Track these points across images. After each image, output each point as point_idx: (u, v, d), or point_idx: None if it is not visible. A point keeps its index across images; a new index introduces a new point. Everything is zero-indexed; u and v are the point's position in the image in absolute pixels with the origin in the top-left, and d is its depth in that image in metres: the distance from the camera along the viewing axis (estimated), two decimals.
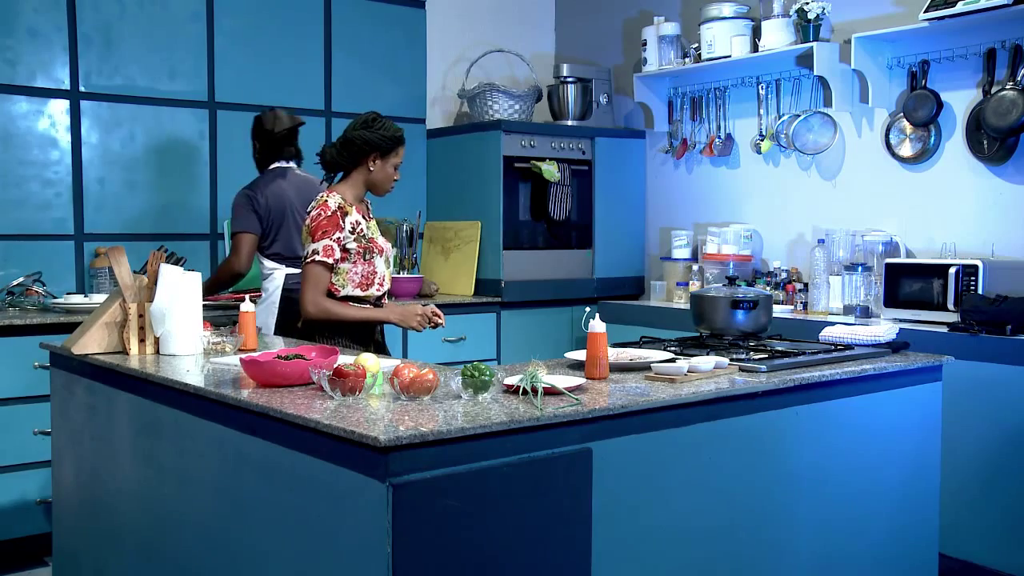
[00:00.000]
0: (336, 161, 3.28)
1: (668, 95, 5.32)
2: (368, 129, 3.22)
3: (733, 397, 2.36)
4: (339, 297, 3.20)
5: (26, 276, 4.20)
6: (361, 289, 3.22)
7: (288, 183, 4.04)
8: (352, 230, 3.19)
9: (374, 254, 3.24)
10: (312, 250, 3.15)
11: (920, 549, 2.89)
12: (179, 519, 2.44)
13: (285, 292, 3.91)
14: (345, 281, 3.19)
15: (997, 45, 4.00)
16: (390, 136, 3.23)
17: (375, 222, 3.36)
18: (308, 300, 3.15)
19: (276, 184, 4.02)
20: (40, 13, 4.32)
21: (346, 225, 3.17)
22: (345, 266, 3.19)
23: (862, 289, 4.24)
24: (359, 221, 3.22)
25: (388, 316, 3.26)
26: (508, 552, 1.91)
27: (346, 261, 3.19)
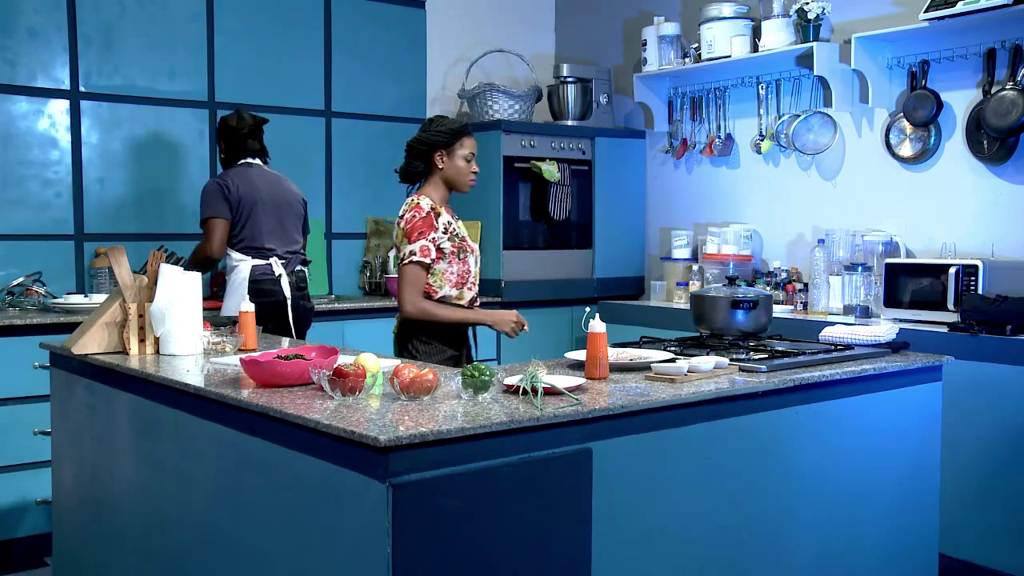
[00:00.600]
0: (409, 170, 3.29)
1: (668, 95, 5.32)
2: (425, 131, 3.25)
3: (733, 397, 2.36)
4: (437, 298, 3.19)
5: (26, 276, 4.20)
6: (457, 288, 3.23)
7: (257, 177, 4.03)
8: (445, 230, 3.19)
9: (467, 253, 3.25)
10: (409, 251, 3.14)
11: (920, 549, 2.89)
12: (179, 519, 2.44)
13: (252, 284, 3.88)
14: (442, 282, 3.19)
15: (997, 45, 4.00)
16: (447, 130, 3.23)
17: (460, 221, 3.34)
18: (407, 300, 3.14)
19: (246, 176, 4.01)
20: (40, 13, 4.32)
21: (439, 226, 3.18)
22: (441, 266, 3.18)
23: (862, 289, 4.24)
24: (450, 221, 3.23)
25: (484, 318, 3.24)
26: (508, 552, 1.91)
27: (441, 261, 3.18)
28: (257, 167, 4.08)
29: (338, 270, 5.24)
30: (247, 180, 4.00)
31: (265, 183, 4.03)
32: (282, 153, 4.95)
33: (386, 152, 5.33)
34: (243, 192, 3.96)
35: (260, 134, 4.14)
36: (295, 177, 4.92)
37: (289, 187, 4.12)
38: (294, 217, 4.09)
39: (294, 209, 4.10)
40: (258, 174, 4.05)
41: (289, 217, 4.06)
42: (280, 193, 4.05)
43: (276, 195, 4.03)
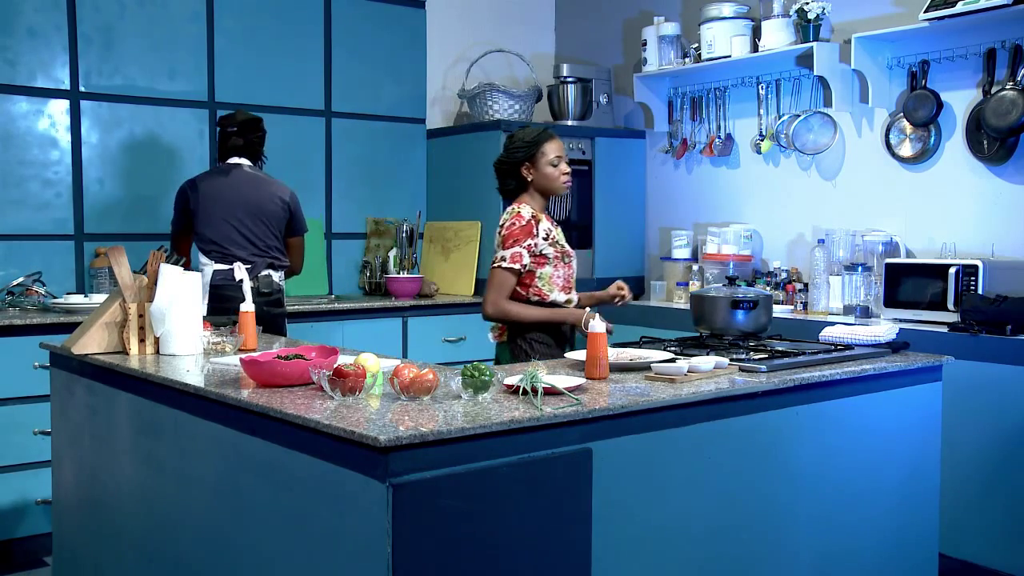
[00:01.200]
0: (504, 189, 3.38)
1: (668, 95, 5.33)
2: (506, 150, 3.34)
3: (733, 397, 2.36)
4: (547, 302, 3.24)
5: (26, 276, 4.20)
6: (564, 292, 3.27)
7: (233, 178, 3.95)
8: (546, 236, 3.24)
9: (571, 258, 3.31)
10: (500, 256, 3.20)
11: (920, 549, 2.89)
12: (179, 519, 2.44)
13: (214, 289, 3.84)
14: (552, 286, 3.24)
15: (997, 45, 4.00)
16: (523, 143, 3.28)
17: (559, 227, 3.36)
18: (488, 301, 3.21)
19: (219, 178, 3.96)
20: (40, 13, 4.32)
21: (540, 232, 3.23)
22: (547, 270, 3.23)
23: (862, 289, 4.24)
24: (550, 228, 3.28)
25: (567, 317, 3.23)
26: (508, 552, 1.91)
27: (547, 266, 3.23)
28: (238, 168, 3.99)
29: (338, 270, 5.24)
30: (217, 183, 3.94)
31: (238, 185, 3.94)
32: (282, 153, 4.96)
33: (386, 152, 5.34)
34: (206, 196, 3.90)
35: (250, 133, 4.05)
36: (295, 177, 4.94)
37: (267, 189, 3.99)
38: (269, 220, 3.96)
39: (269, 211, 3.96)
40: (236, 175, 3.96)
41: (262, 220, 3.94)
42: (253, 195, 3.93)
43: (248, 198, 3.92)
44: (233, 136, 4.03)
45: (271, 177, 4.09)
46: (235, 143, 4.02)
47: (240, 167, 4.01)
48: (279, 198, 4.00)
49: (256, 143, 4.09)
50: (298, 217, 4.10)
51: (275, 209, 3.98)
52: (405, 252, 5.08)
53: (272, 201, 3.98)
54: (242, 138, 4.04)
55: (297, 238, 4.13)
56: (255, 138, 4.08)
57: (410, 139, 5.41)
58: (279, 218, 4.00)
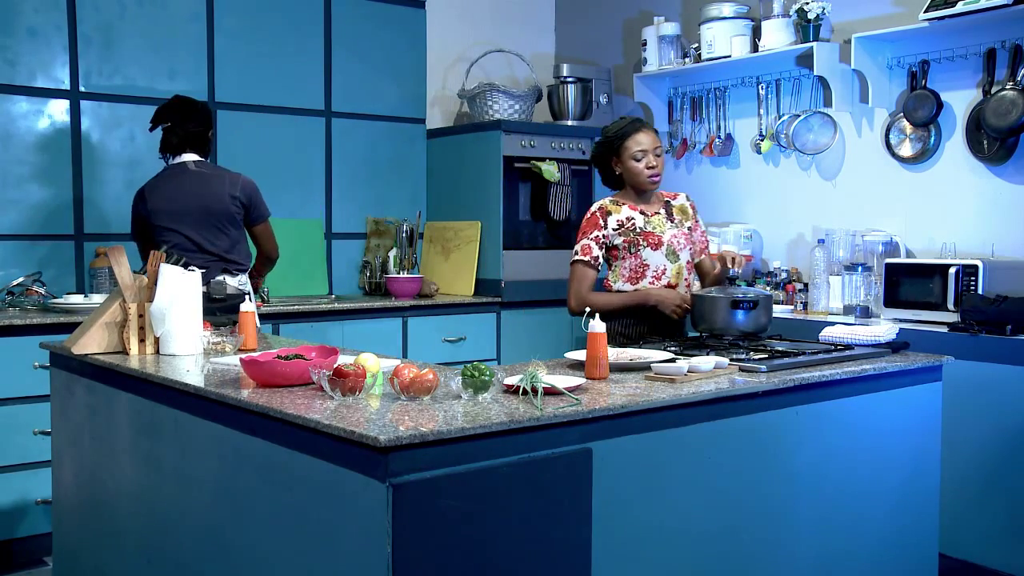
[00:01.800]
0: (606, 182, 3.45)
1: (668, 95, 5.33)
2: (594, 148, 3.41)
3: (733, 397, 2.36)
4: (613, 290, 3.31)
5: (26, 276, 4.20)
6: (631, 283, 3.30)
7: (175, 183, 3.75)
8: (619, 227, 3.28)
9: (641, 247, 3.28)
10: (574, 250, 3.34)
11: (920, 549, 2.89)
12: (179, 519, 2.44)
13: None
14: (617, 276, 3.32)
15: (997, 45, 4.00)
16: (609, 136, 3.33)
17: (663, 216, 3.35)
18: (570, 294, 3.31)
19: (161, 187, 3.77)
20: (40, 13, 4.32)
21: (609, 224, 3.28)
22: (618, 262, 3.32)
23: (862, 289, 4.24)
24: (631, 218, 3.30)
25: (646, 298, 3.25)
26: (508, 552, 1.91)
27: (618, 257, 3.31)
28: (182, 168, 3.75)
29: (338, 270, 5.24)
30: (163, 191, 3.74)
31: (184, 190, 3.72)
32: (282, 153, 4.97)
33: (386, 152, 5.34)
34: (155, 208, 3.73)
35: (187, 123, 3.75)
36: (295, 177, 4.94)
37: (215, 188, 3.74)
38: (220, 222, 3.75)
39: (218, 212, 3.74)
40: (181, 179, 3.74)
41: (212, 224, 3.74)
42: (200, 199, 3.71)
43: (194, 203, 3.71)
44: (169, 132, 3.76)
45: (222, 170, 3.85)
46: (172, 140, 3.76)
47: (185, 166, 3.76)
48: (229, 195, 3.76)
49: (197, 134, 3.79)
50: (256, 206, 3.85)
51: (224, 208, 3.75)
52: (405, 252, 5.08)
53: (220, 200, 3.74)
54: (178, 132, 3.76)
55: (260, 225, 3.90)
56: (195, 128, 3.78)
57: (410, 139, 5.41)
58: (231, 216, 3.77)
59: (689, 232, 3.38)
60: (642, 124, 3.32)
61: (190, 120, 3.78)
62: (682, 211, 3.40)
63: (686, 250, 3.34)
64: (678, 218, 3.37)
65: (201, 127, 3.81)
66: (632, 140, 3.27)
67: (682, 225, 3.36)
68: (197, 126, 3.80)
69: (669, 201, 3.41)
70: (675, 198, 3.43)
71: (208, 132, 3.86)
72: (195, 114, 3.79)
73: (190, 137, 3.79)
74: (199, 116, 3.80)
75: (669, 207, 3.39)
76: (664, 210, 3.37)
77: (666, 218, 3.35)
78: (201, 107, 3.83)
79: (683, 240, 3.33)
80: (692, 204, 3.46)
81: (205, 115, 3.84)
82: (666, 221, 3.34)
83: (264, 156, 4.89)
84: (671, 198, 3.43)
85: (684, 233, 3.35)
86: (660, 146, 3.32)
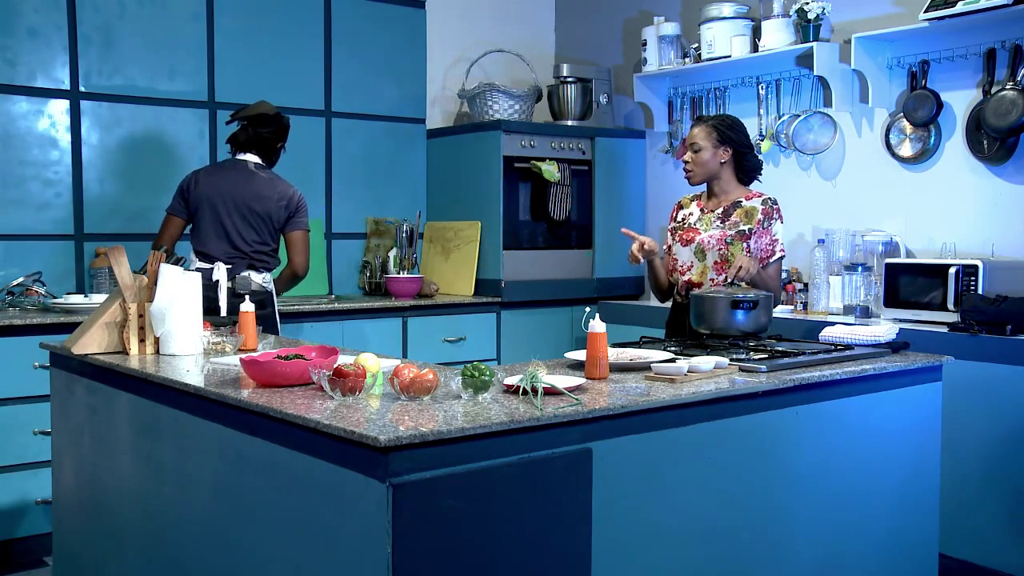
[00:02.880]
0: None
1: (668, 95, 5.32)
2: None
3: (733, 397, 2.36)
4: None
5: (26, 276, 4.20)
6: (670, 273, 3.51)
7: (230, 175, 3.89)
8: (680, 221, 3.48)
9: (675, 242, 3.46)
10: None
11: (920, 549, 2.89)
12: (179, 519, 2.44)
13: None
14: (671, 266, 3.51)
15: (997, 45, 4.00)
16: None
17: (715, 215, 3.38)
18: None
19: (218, 173, 3.91)
20: (40, 13, 4.32)
21: (677, 217, 3.52)
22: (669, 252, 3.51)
23: (862, 289, 4.24)
24: (691, 213, 3.46)
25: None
26: (508, 552, 1.91)
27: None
28: (241, 164, 3.92)
29: (338, 270, 5.24)
30: (214, 178, 3.88)
31: (234, 182, 3.86)
32: (282, 153, 4.96)
33: (386, 152, 5.34)
34: (201, 191, 3.85)
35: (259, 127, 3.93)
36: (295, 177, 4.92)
37: (265, 188, 3.87)
38: (259, 220, 3.85)
39: (260, 211, 3.85)
40: (235, 172, 3.89)
41: (250, 220, 3.84)
42: (246, 193, 3.84)
43: (239, 196, 3.83)
44: (241, 129, 3.97)
45: (277, 177, 3.98)
46: (239, 136, 3.95)
47: (244, 163, 3.93)
48: (276, 198, 3.88)
49: (266, 139, 3.96)
50: (299, 215, 3.96)
51: (268, 208, 3.86)
52: (405, 252, 5.08)
53: (264, 200, 3.86)
54: (247, 132, 3.95)
55: (296, 233, 3.95)
56: (265, 133, 3.95)
57: (410, 139, 5.41)
58: (272, 218, 3.88)
59: (739, 235, 3.31)
60: (696, 122, 3.44)
61: (264, 124, 3.96)
62: (747, 213, 3.34)
63: (715, 251, 3.33)
64: (736, 219, 3.33)
65: (271, 133, 3.98)
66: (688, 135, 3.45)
67: (733, 227, 3.32)
68: (268, 131, 3.97)
69: (740, 201, 3.37)
70: (751, 198, 3.37)
71: (277, 142, 4.03)
72: (270, 121, 3.98)
73: (258, 139, 3.97)
74: (272, 123, 3.98)
75: (736, 206, 3.36)
76: (726, 209, 3.36)
77: (719, 217, 3.36)
78: (277, 117, 4.00)
79: (715, 241, 3.33)
80: (767, 209, 3.32)
81: (279, 125, 4.01)
82: (715, 220, 3.36)
83: None
84: (748, 197, 3.37)
85: (723, 234, 3.32)
86: (700, 144, 3.35)
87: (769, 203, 3.35)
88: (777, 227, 3.35)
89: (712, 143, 3.34)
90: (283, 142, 4.06)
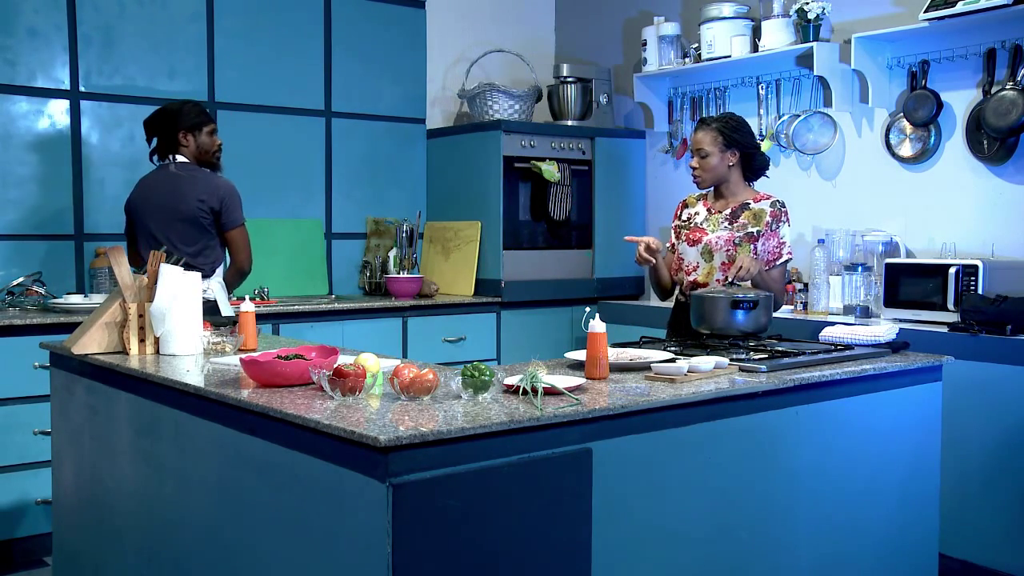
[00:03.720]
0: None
1: (668, 95, 5.32)
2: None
3: (733, 397, 2.36)
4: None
5: (26, 276, 4.20)
6: (674, 272, 3.50)
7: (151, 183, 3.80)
8: (686, 220, 3.49)
9: (679, 242, 3.47)
10: None
11: (920, 549, 2.89)
12: (179, 519, 2.44)
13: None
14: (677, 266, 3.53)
15: (997, 45, 4.00)
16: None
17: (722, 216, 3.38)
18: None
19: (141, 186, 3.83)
20: (40, 13, 4.32)
21: (682, 216, 3.52)
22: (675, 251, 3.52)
23: (862, 289, 4.24)
24: (697, 213, 3.47)
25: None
26: (508, 552, 1.91)
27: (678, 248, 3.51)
28: (163, 170, 3.77)
29: (338, 270, 5.24)
30: (141, 190, 3.81)
31: (156, 190, 3.74)
32: (282, 153, 4.97)
33: (386, 152, 5.34)
34: (133, 206, 3.82)
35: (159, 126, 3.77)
36: (295, 177, 4.94)
37: (185, 189, 3.70)
38: (186, 223, 3.71)
39: (184, 214, 3.69)
40: (157, 179, 3.77)
41: (176, 225, 3.71)
42: (167, 199, 3.71)
43: (161, 202, 3.72)
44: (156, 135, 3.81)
45: (201, 173, 3.78)
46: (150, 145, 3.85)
47: (166, 168, 3.77)
48: (196, 199, 3.70)
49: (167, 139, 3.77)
50: (228, 211, 3.76)
51: (190, 211, 3.70)
52: (405, 252, 5.08)
53: (187, 202, 3.70)
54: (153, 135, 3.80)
55: (229, 232, 3.78)
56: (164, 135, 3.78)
57: (410, 139, 5.41)
58: (196, 220, 3.71)
59: (748, 237, 3.31)
60: (700, 125, 3.39)
61: (158, 128, 3.80)
62: (755, 215, 3.33)
63: (722, 251, 3.33)
64: (743, 221, 3.33)
65: (168, 131, 3.78)
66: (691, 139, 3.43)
67: (741, 229, 3.32)
68: (164, 132, 3.79)
69: (749, 203, 3.36)
70: (760, 200, 3.36)
71: (178, 133, 3.77)
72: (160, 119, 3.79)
73: (162, 143, 3.80)
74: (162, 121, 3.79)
75: (744, 208, 3.36)
76: (734, 211, 3.36)
77: (727, 219, 3.36)
78: (163, 112, 3.80)
79: (723, 242, 3.33)
80: (775, 212, 3.32)
81: (167, 118, 3.78)
82: (723, 221, 3.36)
83: (264, 156, 4.89)
84: (756, 199, 3.36)
85: (731, 235, 3.32)
86: (706, 149, 3.32)
87: (777, 205, 3.36)
88: (784, 230, 3.35)
89: (719, 148, 3.31)
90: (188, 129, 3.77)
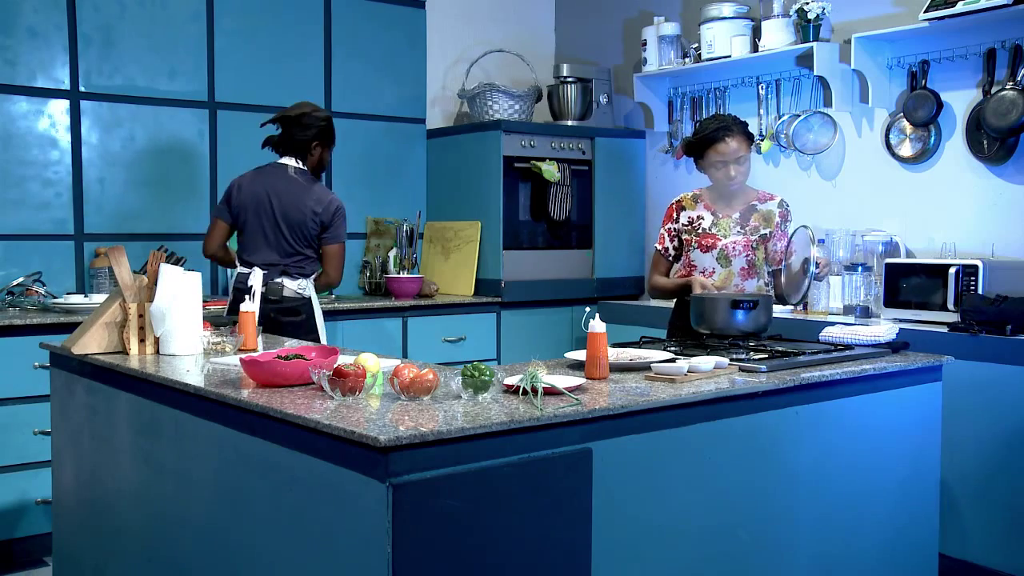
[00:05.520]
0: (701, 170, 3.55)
1: (668, 95, 5.32)
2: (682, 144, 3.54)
3: (733, 397, 2.36)
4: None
5: (26, 276, 4.20)
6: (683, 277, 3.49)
7: (267, 180, 3.82)
8: (688, 224, 3.46)
9: (692, 247, 3.43)
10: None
11: (920, 549, 2.89)
12: (179, 519, 2.44)
13: (235, 291, 3.76)
14: (677, 270, 3.52)
15: (997, 45, 4.00)
16: (694, 141, 3.42)
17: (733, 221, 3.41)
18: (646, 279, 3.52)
19: (260, 178, 3.84)
20: (40, 13, 4.32)
21: (681, 218, 3.49)
22: (690, 256, 3.48)
23: (862, 289, 4.24)
24: (701, 216, 3.45)
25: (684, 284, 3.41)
26: (508, 552, 1.91)
27: (689, 251, 3.48)
28: (281, 169, 3.84)
29: None
30: (255, 183, 3.82)
31: (272, 188, 3.80)
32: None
33: (386, 152, 5.34)
34: (243, 198, 3.81)
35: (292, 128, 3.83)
36: None
37: (301, 196, 3.80)
38: (294, 228, 3.79)
39: (294, 220, 3.78)
40: (274, 177, 3.83)
41: (285, 228, 3.78)
42: (282, 201, 3.78)
43: (275, 203, 3.78)
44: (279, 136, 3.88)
45: (316, 185, 3.87)
46: (275, 139, 3.88)
47: (284, 168, 3.85)
48: (311, 209, 3.79)
49: (300, 141, 3.85)
50: (333, 227, 3.86)
51: (302, 219, 3.79)
52: (405, 252, 5.08)
53: (300, 210, 3.79)
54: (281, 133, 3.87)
55: (330, 246, 3.87)
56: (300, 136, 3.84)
57: (410, 139, 5.41)
58: (305, 229, 3.80)
59: (761, 239, 3.36)
60: (727, 132, 3.32)
61: (296, 126, 3.84)
62: (764, 217, 3.39)
63: (741, 256, 3.34)
64: (755, 224, 3.37)
65: (306, 135, 3.85)
66: (714, 150, 3.35)
67: (754, 232, 3.36)
68: (301, 135, 3.84)
69: (755, 204, 3.39)
70: (767, 201, 3.41)
71: (312, 143, 3.87)
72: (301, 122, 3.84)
73: (293, 142, 3.85)
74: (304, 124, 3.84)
75: (752, 210, 3.38)
76: (742, 214, 3.37)
77: (738, 223, 3.36)
78: (311, 118, 3.86)
79: (741, 247, 3.35)
80: (784, 212, 3.42)
81: (314, 126, 3.86)
82: (735, 226, 3.37)
83: (264, 156, 4.88)
84: (763, 200, 3.40)
85: (747, 240, 3.35)
86: (744, 154, 3.33)
87: (784, 205, 3.44)
88: (791, 229, 3.41)
89: (748, 150, 3.38)
90: (323, 144, 3.91)
